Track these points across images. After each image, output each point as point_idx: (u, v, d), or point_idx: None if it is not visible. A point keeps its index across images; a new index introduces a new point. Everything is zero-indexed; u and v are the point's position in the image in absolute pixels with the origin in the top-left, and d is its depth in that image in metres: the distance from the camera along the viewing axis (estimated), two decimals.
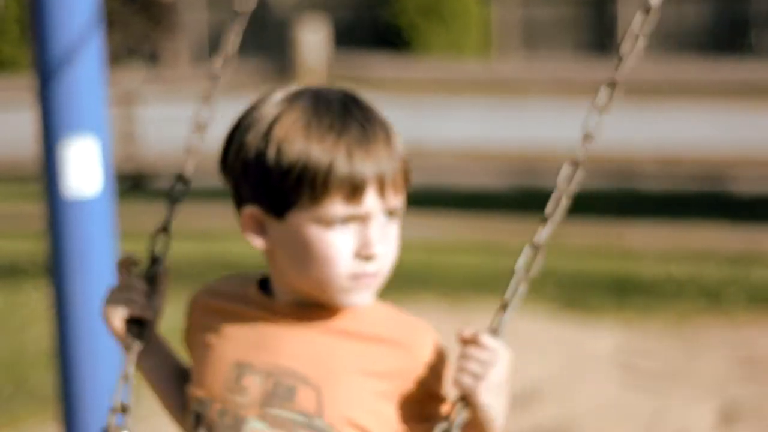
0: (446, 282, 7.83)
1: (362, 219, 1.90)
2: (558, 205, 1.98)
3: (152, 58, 22.74)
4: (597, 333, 6.66)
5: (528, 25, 23.34)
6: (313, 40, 8.78)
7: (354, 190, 1.88)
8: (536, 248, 1.98)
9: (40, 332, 6.36)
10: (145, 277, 2.16)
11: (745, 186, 10.44)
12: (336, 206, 1.88)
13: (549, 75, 9.81)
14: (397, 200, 1.94)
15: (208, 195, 10.99)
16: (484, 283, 7.47)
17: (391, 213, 1.94)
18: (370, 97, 1.99)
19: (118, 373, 2.04)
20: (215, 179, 2.08)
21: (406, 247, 1.90)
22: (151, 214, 9.47)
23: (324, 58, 8.86)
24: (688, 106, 10.66)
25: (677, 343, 6.58)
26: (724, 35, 22.04)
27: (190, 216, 9.48)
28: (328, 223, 1.89)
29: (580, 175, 1.98)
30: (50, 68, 3.11)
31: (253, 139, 1.91)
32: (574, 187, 1.97)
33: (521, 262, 1.97)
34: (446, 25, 21.66)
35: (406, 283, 7.13)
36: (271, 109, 1.93)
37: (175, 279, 2.19)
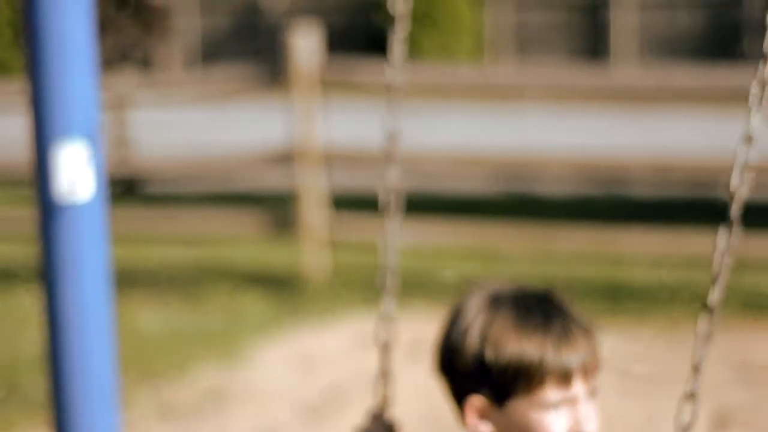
0: (439, 288, 7.82)
1: (572, 401, 2.25)
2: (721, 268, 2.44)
3: (145, 62, 22.73)
4: None
5: (521, 30, 23.37)
6: (306, 45, 8.77)
7: (565, 379, 2.24)
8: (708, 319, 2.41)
9: (32, 336, 6.35)
10: None
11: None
12: (551, 393, 2.23)
13: (542, 80, 9.81)
14: (595, 381, 2.29)
15: (199, 200, 10.97)
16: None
17: (591, 393, 2.28)
18: (364, 101, 1.98)
19: (108, 378, 2.00)
20: (205, 184, 2.06)
21: (398, 252, 1.88)
22: (143, 218, 9.48)
23: (317, 63, 8.84)
24: (680, 113, 10.66)
25: (670, 348, 6.58)
26: (717, 41, 22.07)
27: (181, 221, 9.46)
28: (545, 407, 2.23)
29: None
30: (43, 72, 3.10)
31: (472, 343, 2.26)
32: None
33: (698, 353, 2.41)
34: (439, 30, 21.68)
35: (397, 289, 7.11)
36: (478, 315, 2.28)
37: (166, 284, 2.17)
